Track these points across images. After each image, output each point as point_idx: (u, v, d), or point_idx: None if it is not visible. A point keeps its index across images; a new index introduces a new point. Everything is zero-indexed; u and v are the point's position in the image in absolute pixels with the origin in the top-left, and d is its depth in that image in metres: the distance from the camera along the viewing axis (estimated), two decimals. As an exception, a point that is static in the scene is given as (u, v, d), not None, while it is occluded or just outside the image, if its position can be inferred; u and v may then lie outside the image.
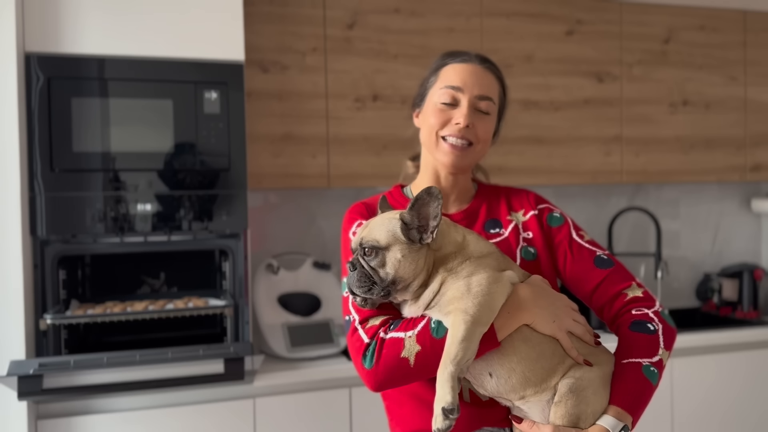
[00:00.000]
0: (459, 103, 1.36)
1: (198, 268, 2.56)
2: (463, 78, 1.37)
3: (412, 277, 1.17)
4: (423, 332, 1.16)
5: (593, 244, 1.38)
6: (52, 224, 2.15)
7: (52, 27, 2.16)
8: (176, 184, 2.26)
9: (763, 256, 3.61)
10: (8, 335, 2.11)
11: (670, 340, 1.28)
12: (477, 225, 1.39)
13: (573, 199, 3.28)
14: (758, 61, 3.19)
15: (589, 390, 1.17)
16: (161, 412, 2.21)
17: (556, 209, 1.43)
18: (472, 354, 1.12)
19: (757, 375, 2.86)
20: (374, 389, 1.21)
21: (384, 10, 2.69)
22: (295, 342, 2.48)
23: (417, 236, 1.17)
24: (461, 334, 1.10)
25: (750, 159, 3.20)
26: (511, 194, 1.45)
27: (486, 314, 1.13)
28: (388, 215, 1.21)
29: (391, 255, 1.16)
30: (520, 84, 2.86)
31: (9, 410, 2.08)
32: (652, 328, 1.26)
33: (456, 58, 1.40)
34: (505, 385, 1.18)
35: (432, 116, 1.37)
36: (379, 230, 1.18)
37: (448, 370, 1.09)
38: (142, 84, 2.24)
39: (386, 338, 1.19)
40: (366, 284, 1.16)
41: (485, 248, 1.23)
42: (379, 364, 1.18)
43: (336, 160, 2.64)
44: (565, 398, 1.15)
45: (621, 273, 1.34)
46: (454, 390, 1.08)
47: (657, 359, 1.23)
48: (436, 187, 1.17)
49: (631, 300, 1.30)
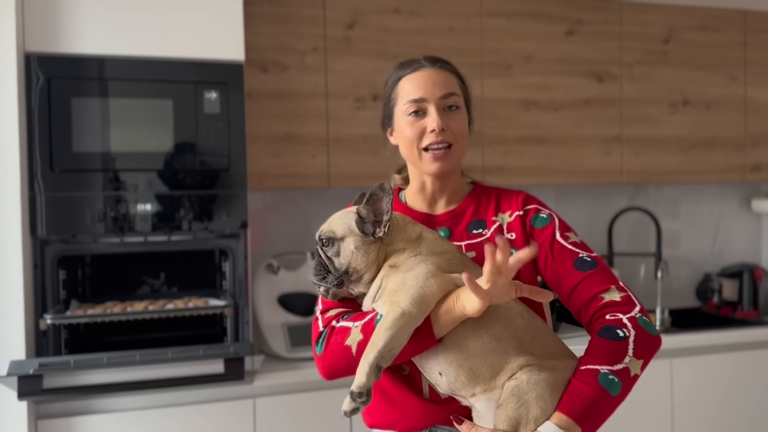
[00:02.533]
0: (427, 110, 1.36)
1: (198, 268, 2.56)
2: (421, 86, 1.36)
3: (364, 269, 1.22)
4: (368, 324, 1.20)
5: (578, 246, 1.32)
6: (52, 224, 2.15)
7: (52, 27, 2.16)
8: (176, 184, 2.26)
9: (763, 256, 3.61)
10: (8, 335, 2.11)
11: (646, 348, 1.18)
12: (461, 225, 1.38)
13: (573, 199, 3.28)
14: (758, 61, 3.19)
15: (532, 394, 1.13)
16: (161, 412, 2.21)
17: (545, 210, 1.38)
18: (398, 344, 1.13)
19: (757, 375, 2.86)
20: (324, 376, 1.26)
21: (384, 10, 2.69)
22: (295, 342, 2.48)
23: (371, 230, 1.22)
24: (386, 324, 1.12)
25: (750, 159, 3.20)
26: (502, 195, 1.43)
27: (417, 307, 1.14)
28: (348, 209, 1.27)
29: (345, 246, 1.22)
30: (520, 84, 2.86)
31: (9, 410, 2.08)
32: (622, 334, 1.17)
33: (408, 69, 1.39)
34: (455, 382, 1.17)
35: (406, 130, 1.37)
36: (337, 222, 1.24)
37: (368, 356, 1.11)
38: (142, 84, 2.24)
39: (336, 326, 1.24)
40: (321, 273, 1.23)
41: (440, 247, 1.24)
42: (326, 350, 1.23)
43: (336, 160, 2.64)
44: (506, 401, 1.13)
45: (601, 276, 1.27)
46: (369, 376, 1.10)
47: (620, 367, 1.14)
48: (389, 183, 1.22)
49: (606, 304, 1.23)
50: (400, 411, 1.29)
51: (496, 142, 2.83)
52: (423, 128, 1.35)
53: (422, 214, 1.41)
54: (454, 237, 1.37)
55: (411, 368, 1.28)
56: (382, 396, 1.32)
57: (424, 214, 1.41)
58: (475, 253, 1.33)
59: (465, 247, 1.35)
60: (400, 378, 1.29)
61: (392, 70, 1.44)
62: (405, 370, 1.29)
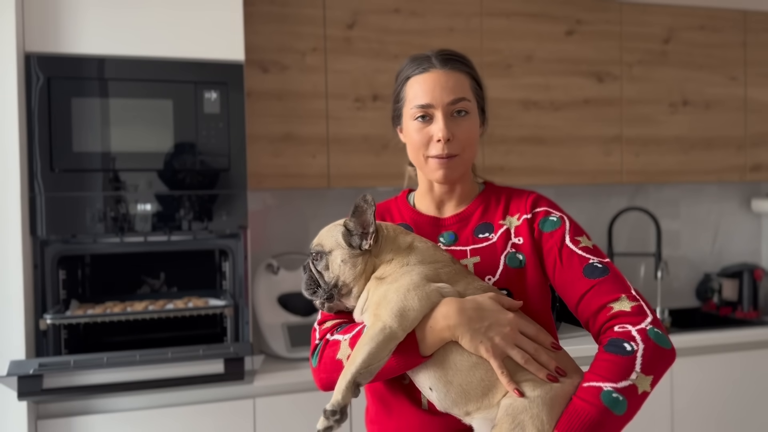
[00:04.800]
0: (434, 116, 1.30)
1: (198, 268, 2.56)
2: (429, 91, 1.30)
3: (352, 282, 1.20)
4: (356, 337, 1.18)
5: (590, 251, 1.24)
6: (52, 224, 2.15)
7: (52, 27, 2.16)
8: (176, 184, 2.26)
9: (763, 256, 3.61)
10: (8, 335, 2.11)
11: (657, 363, 1.11)
12: (467, 229, 1.34)
13: (573, 199, 3.28)
14: (758, 61, 3.19)
15: (527, 414, 1.07)
16: (161, 412, 2.21)
17: (555, 212, 1.31)
18: (377, 360, 1.09)
19: (757, 375, 2.86)
20: (320, 388, 1.25)
21: (384, 10, 2.69)
22: (295, 342, 2.48)
23: (358, 242, 1.21)
24: (365, 339, 1.10)
25: (750, 159, 3.20)
26: (512, 197, 1.37)
27: (398, 321, 1.10)
28: (336, 222, 1.26)
29: (333, 259, 1.21)
30: (520, 84, 2.86)
31: (9, 410, 2.08)
32: (629, 348, 1.10)
33: (418, 68, 1.32)
34: (446, 399, 1.14)
35: (413, 135, 1.32)
36: (326, 236, 1.24)
37: (345, 374, 1.09)
38: (142, 84, 2.24)
39: (330, 339, 1.23)
40: (312, 287, 1.23)
41: (431, 257, 1.20)
42: (320, 363, 1.23)
43: (336, 160, 2.64)
44: (500, 421, 1.08)
45: (612, 284, 1.19)
46: (345, 394, 1.07)
47: (625, 385, 1.08)
48: (370, 195, 1.20)
49: (615, 314, 1.15)
50: (397, 421, 1.26)
51: (496, 142, 2.83)
52: (429, 135, 1.30)
53: (429, 217, 1.37)
54: (459, 241, 1.32)
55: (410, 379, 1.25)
56: (381, 404, 1.30)
57: (431, 218, 1.37)
58: (479, 258, 1.28)
59: (470, 251, 1.30)
60: (400, 387, 1.26)
61: (404, 63, 1.37)
62: (405, 379, 1.25)
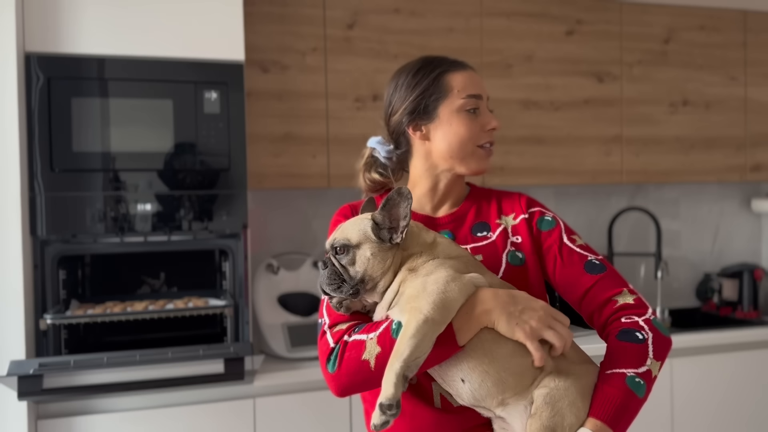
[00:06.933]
0: (480, 108, 1.37)
1: (198, 268, 2.56)
2: (477, 83, 1.37)
3: (380, 276, 1.18)
4: (384, 334, 1.15)
5: (586, 249, 1.33)
6: (52, 224, 2.15)
7: (52, 27, 2.16)
8: (176, 184, 2.26)
9: (763, 256, 3.61)
10: (8, 335, 2.11)
11: (662, 350, 1.21)
12: (464, 228, 1.36)
13: (573, 199, 3.28)
14: (758, 61, 3.19)
15: (565, 401, 1.12)
16: (161, 412, 2.21)
17: (549, 212, 1.38)
18: (423, 352, 1.09)
19: (757, 375, 2.86)
20: (338, 394, 1.20)
21: (384, 10, 2.69)
22: (295, 342, 2.48)
23: (387, 236, 1.19)
24: (410, 332, 1.09)
25: (750, 159, 3.20)
26: (502, 197, 1.42)
27: (440, 313, 1.11)
28: (362, 216, 1.23)
29: (361, 253, 1.18)
30: (520, 84, 2.86)
31: (9, 410, 2.08)
32: (641, 336, 1.20)
33: (451, 66, 1.38)
34: (480, 390, 1.14)
35: (462, 127, 1.35)
36: (352, 229, 1.20)
37: (393, 367, 1.07)
38: (142, 84, 2.24)
39: (349, 341, 1.19)
40: (336, 282, 1.18)
41: (454, 252, 1.22)
42: (341, 367, 1.18)
43: (336, 160, 2.64)
44: (539, 410, 1.12)
45: (612, 279, 1.28)
46: (396, 387, 1.06)
47: (644, 370, 1.17)
48: (407, 188, 1.18)
49: (620, 307, 1.25)
50: (410, 422, 1.25)
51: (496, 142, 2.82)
52: (480, 126, 1.36)
53: (423, 216, 1.38)
54: (457, 240, 1.35)
55: (419, 378, 1.25)
56: None
57: (425, 217, 1.38)
58: (482, 256, 1.31)
59: (470, 250, 1.33)
60: (409, 388, 1.25)
61: (423, 64, 1.38)
62: (413, 380, 1.25)
